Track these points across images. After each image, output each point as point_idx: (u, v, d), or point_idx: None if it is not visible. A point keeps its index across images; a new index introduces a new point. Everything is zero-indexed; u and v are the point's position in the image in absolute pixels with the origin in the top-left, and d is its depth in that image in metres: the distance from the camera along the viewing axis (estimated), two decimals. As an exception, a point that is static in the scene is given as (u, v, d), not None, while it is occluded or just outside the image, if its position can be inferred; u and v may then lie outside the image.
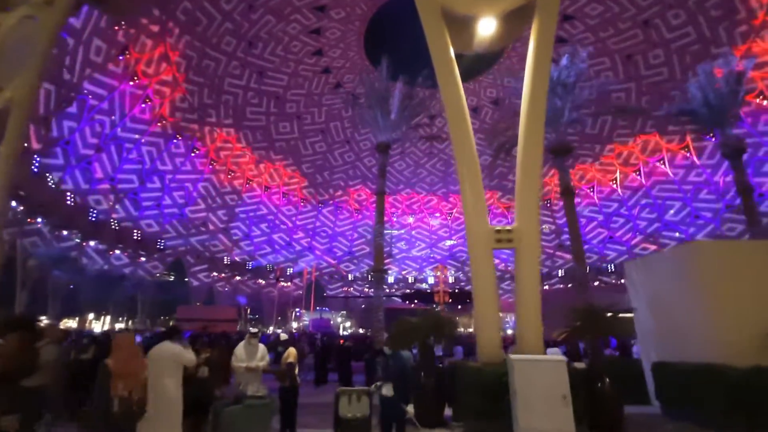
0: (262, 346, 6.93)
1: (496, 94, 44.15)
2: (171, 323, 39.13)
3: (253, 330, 6.91)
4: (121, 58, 32.01)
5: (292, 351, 6.85)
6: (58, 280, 33.42)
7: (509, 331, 38.96)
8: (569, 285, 43.66)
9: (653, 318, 9.92)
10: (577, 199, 46.80)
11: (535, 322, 7.87)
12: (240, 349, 6.83)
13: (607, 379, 7.56)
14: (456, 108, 8.90)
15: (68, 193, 32.93)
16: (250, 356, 6.74)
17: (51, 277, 33.26)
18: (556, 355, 7.50)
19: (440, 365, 9.75)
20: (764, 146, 34.90)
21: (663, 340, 9.69)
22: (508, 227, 8.29)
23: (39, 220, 31.71)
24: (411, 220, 52.50)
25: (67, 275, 32.99)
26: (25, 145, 28.66)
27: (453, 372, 8.24)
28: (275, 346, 7.77)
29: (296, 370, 6.75)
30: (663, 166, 42.25)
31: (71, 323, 36.95)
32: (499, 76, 39.34)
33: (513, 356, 6.49)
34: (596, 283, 43.90)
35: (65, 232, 33.74)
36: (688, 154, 40.45)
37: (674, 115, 20.90)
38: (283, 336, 8.58)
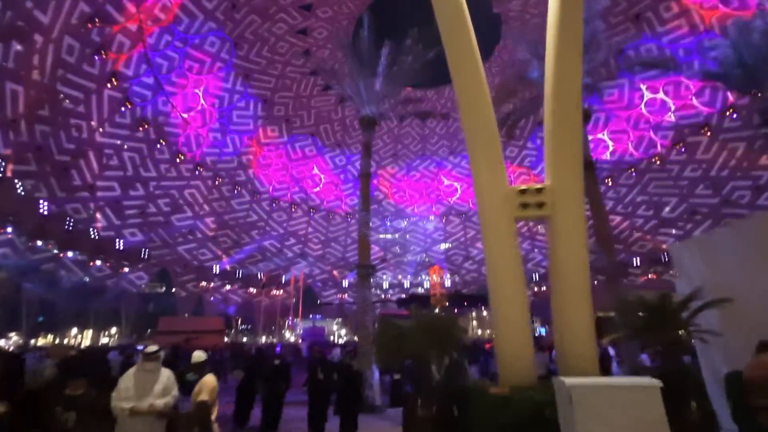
0: (166, 375, 4.16)
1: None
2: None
3: (152, 348, 4.15)
4: (96, 58, 29.39)
5: (207, 382, 4.11)
6: (31, 294, 30.30)
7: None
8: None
9: (719, 314, 7.28)
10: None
11: (585, 327, 5.17)
12: (127, 379, 4.06)
13: (694, 403, 4.89)
14: (454, 20, 6.24)
15: (41, 201, 29.93)
16: (141, 391, 3.99)
17: (23, 290, 30.17)
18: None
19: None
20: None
21: (737, 344, 7.06)
22: (538, 185, 5.57)
23: (9, 229, 28.68)
24: (404, 224, 49.85)
25: (40, 288, 29.87)
26: (-12, 148, 25.86)
27: (463, 399, 5.49)
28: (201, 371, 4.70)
29: (213, 414, 4.02)
30: (657, 163, 40.14)
31: (46, 340, 33.82)
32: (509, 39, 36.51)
33: (570, 380, 3.81)
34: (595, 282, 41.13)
35: (39, 243, 30.66)
36: (682, 149, 38.34)
37: (704, 78, 18.52)
38: (198, 356, 5.42)
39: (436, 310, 33.01)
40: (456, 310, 40.71)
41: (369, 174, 13.73)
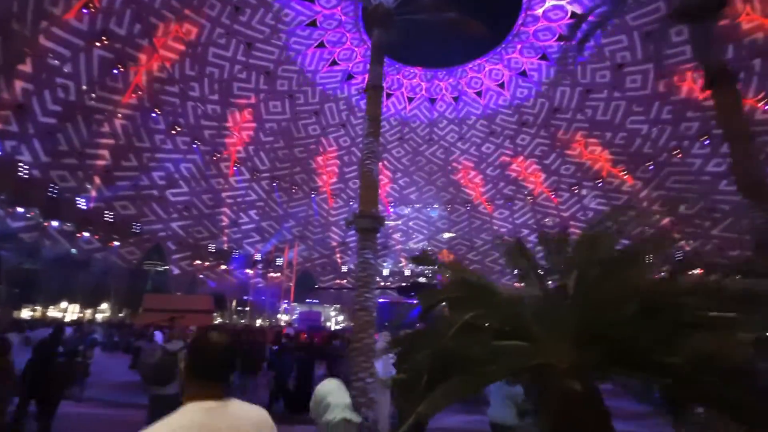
0: None
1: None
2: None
3: None
4: (85, 11, 26.08)
5: None
6: (8, 262, 27.36)
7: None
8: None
9: None
10: (583, 191, 41.03)
11: None
12: None
13: None
14: None
15: (21, 165, 26.83)
16: None
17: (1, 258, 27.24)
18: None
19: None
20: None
21: None
22: None
23: (-15, 193, 25.65)
24: (407, 210, 46.62)
25: (18, 256, 26.91)
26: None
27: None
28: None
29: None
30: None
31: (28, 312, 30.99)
32: None
33: None
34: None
35: (20, 209, 27.65)
36: (706, 142, 34.64)
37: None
38: None
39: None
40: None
41: (380, 86, 10.01)
